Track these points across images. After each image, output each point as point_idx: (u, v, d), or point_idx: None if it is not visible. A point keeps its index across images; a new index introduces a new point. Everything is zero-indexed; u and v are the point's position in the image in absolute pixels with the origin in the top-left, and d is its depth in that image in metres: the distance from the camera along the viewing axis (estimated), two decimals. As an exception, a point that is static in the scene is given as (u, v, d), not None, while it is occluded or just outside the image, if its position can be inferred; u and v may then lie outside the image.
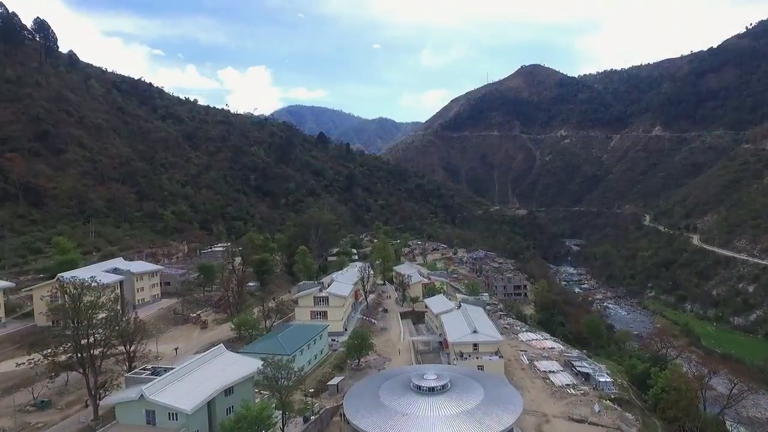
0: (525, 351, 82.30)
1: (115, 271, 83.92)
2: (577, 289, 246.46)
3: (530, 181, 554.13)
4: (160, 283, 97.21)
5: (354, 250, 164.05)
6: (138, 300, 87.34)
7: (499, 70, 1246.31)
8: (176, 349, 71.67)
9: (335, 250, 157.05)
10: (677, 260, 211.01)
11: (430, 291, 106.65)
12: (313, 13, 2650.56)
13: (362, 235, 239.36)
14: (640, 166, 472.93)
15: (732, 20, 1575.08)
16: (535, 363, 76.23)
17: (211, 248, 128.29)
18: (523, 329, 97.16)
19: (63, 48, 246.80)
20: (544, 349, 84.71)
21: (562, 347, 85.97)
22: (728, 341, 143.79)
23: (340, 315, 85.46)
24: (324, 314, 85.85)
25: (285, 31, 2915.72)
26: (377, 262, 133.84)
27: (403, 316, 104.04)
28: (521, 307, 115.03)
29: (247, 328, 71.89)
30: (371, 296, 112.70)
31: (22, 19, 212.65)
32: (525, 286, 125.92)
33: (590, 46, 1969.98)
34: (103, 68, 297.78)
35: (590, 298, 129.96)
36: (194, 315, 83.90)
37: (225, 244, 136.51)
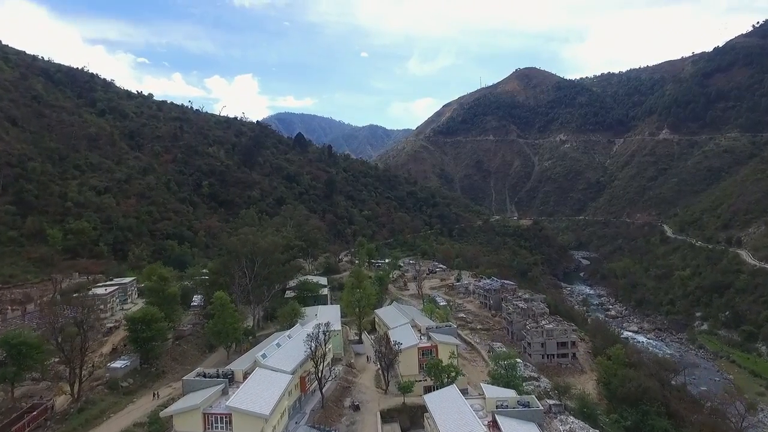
0: None
1: None
2: (601, 316, 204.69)
3: (529, 188, 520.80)
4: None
5: (323, 282, 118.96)
6: None
7: (488, 78, 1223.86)
8: None
9: (298, 279, 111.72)
10: (732, 284, 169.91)
11: (431, 368, 62.81)
12: (299, 21, 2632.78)
13: (343, 253, 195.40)
14: (648, 172, 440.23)
15: (718, 27, 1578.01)
16: None
17: (90, 289, 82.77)
18: (604, 447, 53.14)
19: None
20: None
21: None
22: None
23: (254, 456, 40.90)
24: (221, 454, 41.28)
25: (271, 39, 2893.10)
26: (354, 297, 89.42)
27: (388, 416, 59.97)
28: (576, 383, 71.33)
29: None
30: (337, 369, 68.62)
31: None
32: (574, 343, 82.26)
33: (577, 54, 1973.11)
34: (38, 56, 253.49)
35: (679, 369, 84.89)
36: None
37: (121, 281, 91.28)
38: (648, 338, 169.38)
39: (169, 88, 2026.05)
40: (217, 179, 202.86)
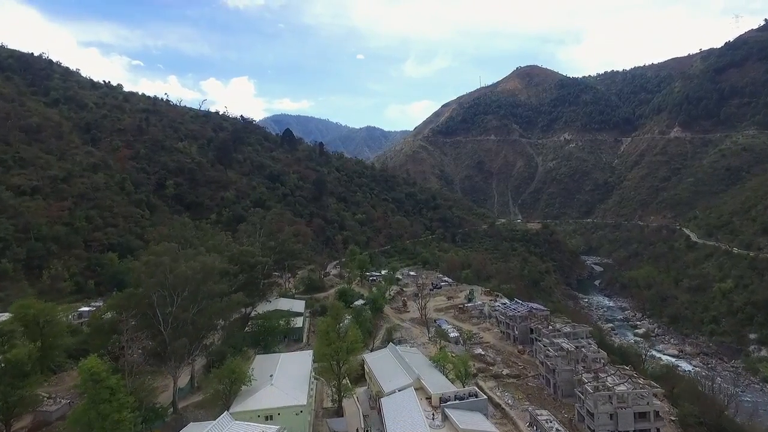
0: None
1: None
2: (630, 336, 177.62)
3: (533, 189, 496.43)
4: None
5: (300, 307, 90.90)
6: None
7: (486, 80, 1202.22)
8: None
9: (256, 311, 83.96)
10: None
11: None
12: (294, 23, 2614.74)
13: (331, 265, 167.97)
14: (660, 172, 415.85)
15: (725, 24, 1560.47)
16: None
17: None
18: None
19: None
20: None
21: None
22: None
23: None
24: None
25: (267, 41, 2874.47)
26: (331, 349, 61.99)
27: None
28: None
29: None
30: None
31: None
32: (657, 413, 54.37)
33: (574, 56, 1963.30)
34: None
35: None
36: None
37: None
38: (694, 365, 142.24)
39: (164, 90, 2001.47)
40: (185, 178, 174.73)
